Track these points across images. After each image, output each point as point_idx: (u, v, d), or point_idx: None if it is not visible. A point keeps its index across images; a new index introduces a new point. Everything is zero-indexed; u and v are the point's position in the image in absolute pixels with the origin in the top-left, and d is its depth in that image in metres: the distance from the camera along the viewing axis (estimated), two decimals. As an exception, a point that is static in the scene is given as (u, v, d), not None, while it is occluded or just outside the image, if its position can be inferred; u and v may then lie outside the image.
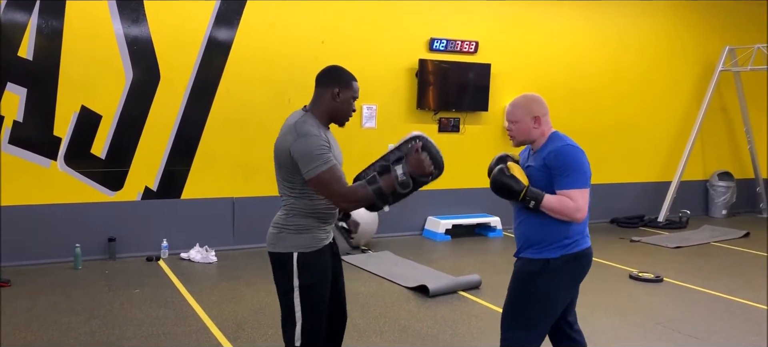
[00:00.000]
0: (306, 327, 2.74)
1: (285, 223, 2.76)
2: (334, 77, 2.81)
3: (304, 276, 2.73)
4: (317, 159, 2.62)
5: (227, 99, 6.74)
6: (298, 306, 2.73)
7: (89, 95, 6.18)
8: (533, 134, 2.95)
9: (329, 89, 2.79)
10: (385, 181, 2.68)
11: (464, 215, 7.98)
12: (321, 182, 2.63)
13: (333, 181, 2.62)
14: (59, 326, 4.50)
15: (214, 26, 6.60)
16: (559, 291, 2.98)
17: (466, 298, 5.37)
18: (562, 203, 2.82)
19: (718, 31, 9.80)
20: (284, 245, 2.75)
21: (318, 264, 2.77)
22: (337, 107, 2.80)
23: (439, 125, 7.91)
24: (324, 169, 2.62)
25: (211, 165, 6.76)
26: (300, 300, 2.73)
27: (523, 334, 2.94)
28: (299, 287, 2.72)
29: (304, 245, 2.73)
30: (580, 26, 8.72)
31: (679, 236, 8.37)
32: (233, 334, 4.40)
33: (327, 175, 2.62)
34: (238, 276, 5.88)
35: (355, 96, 2.84)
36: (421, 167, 2.69)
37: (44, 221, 6.11)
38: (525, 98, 3.01)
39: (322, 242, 2.78)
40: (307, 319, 2.74)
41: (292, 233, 2.74)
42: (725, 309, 5.29)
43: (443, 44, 7.77)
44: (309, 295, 2.74)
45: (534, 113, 2.94)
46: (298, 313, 2.73)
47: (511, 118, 2.98)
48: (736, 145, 10.45)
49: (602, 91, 8.98)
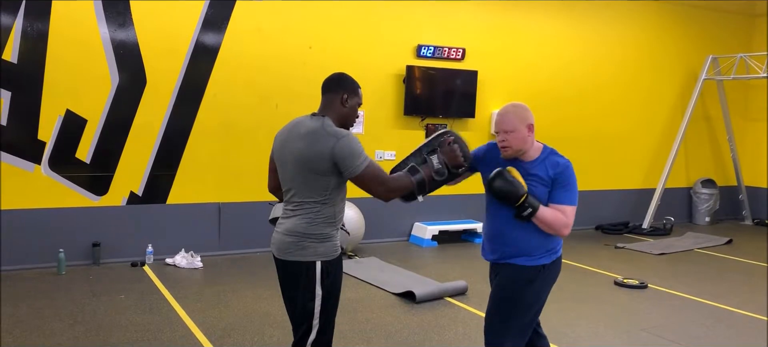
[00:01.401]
0: (323, 332, 2.79)
1: (307, 231, 2.74)
2: (343, 84, 2.88)
3: (327, 284, 2.76)
4: (361, 155, 2.71)
5: (214, 104, 6.72)
6: (317, 314, 2.76)
7: (74, 99, 6.14)
8: (527, 143, 2.86)
9: (338, 95, 2.84)
10: (425, 171, 2.87)
11: (451, 221, 8.00)
12: (369, 175, 2.71)
13: (380, 173, 2.74)
14: (42, 332, 4.45)
15: (201, 31, 6.58)
16: (543, 296, 3.01)
17: (453, 304, 5.38)
18: (555, 217, 2.83)
19: (702, 41, 9.92)
20: (307, 254, 2.74)
21: (338, 272, 2.83)
22: (346, 113, 2.86)
23: (426, 132, 7.93)
24: (370, 162, 2.73)
25: (197, 170, 6.73)
26: (321, 307, 2.75)
27: (514, 341, 2.93)
28: (321, 295, 2.75)
29: (327, 254, 2.76)
30: (567, 35, 8.79)
31: (663, 242, 8.45)
32: (219, 340, 4.37)
33: (374, 168, 2.73)
34: (224, 281, 5.85)
35: (359, 102, 2.92)
36: (456, 157, 2.90)
37: (28, 225, 6.05)
38: (515, 106, 2.89)
39: (338, 250, 2.84)
40: (324, 326, 2.79)
41: (316, 242, 2.74)
42: (709, 315, 5.34)
43: (431, 51, 7.80)
44: (329, 303, 2.78)
45: (528, 120, 2.86)
46: (316, 320, 2.76)
47: (506, 127, 2.83)
48: (719, 153, 10.57)
49: (587, 98, 9.05)
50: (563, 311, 5.20)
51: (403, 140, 7.78)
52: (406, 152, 8.73)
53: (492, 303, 3.01)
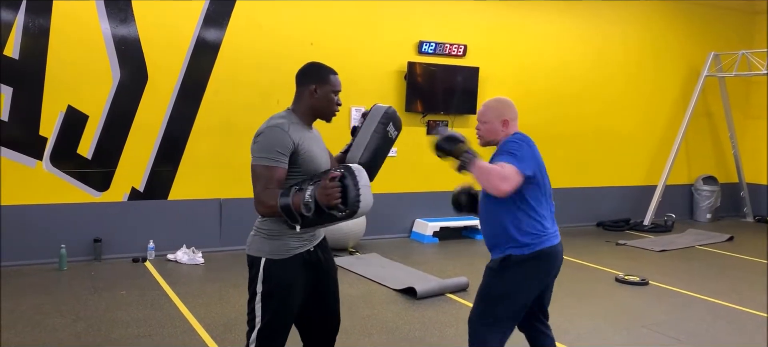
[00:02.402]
0: (262, 332, 2.68)
1: (259, 226, 2.71)
2: (311, 74, 2.77)
3: (267, 283, 2.65)
4: (265, 151, 2.56)
5: (215, 100, 6.72)
6: (258, 311, 2.68)
7: (76, 95, 6.14)
8: (500, 135, 3.04)
9: (307, 87, 2.75)
10: (295, 199, 2.49)
11: (452, 217, 8.00)
12: (253, 172, 2.58)
13: (262, 178, 2.55)
14: (44, 327, 4.46)
15: (202, 27, 6.58)
16: (521, 289, 2.99)
17: (454, 300, 5.38)
18: (490, 169, 2.82)
19: (704, 37, 9.90)
20: (254, 249, 2.70)
21: (283, 273, 2.66)
22: (317, 104, 2.75)
23: (427, 128, 7.93)
24: (264, 163, 2.55)
25: (199, 166, 6.73)
26: (261, 306, 2.67)
27: (486, 331, 3.00)
28: (261, 293, 2.66)
29: (271, 252, 2.66)
30: (568, 31, 8.78)
31: (664, 239, 8.44)
32: (220, 336, 4.38)
33: (261, 170, 2.56)
34: (225, 277, 5.86)
35: (335, 90, 2.76)
36: (326, 196, 2.44)
37: (29, 221, 6.06)
38: (498, 101, 3.12)
39: (292, 250, 2.68)
40: (265, 325, 2.67)
41: (263, 238, 2.68)
42: (710, 311, 5.34)
43: (432, 47, 7.79)
44: (269, 302, 2.67)
45: (504, 116, 3.04)
46: (258, 318, 2.68)
47: (482, 118, 3.08)
48: (720, 150, 10.57)
49: (589, 95, 9.04)
50: (564, 307, 5.21)
51: (404, 136, 7.70)
52: (408, 148, 8.74)
53: (475, 298, 3.14)
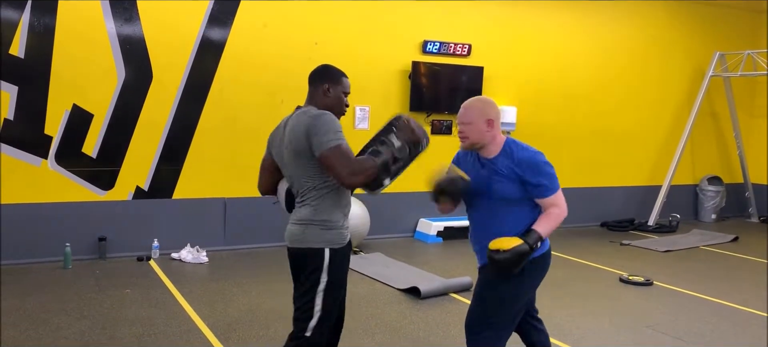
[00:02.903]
0: (321, 322, 2.76)
1: (313, 218, 2.75)
2: (324, 75, 2.89)
3: (333, 272, 2.75)
4: (334, 134, 2.66)
5: (220, 100, 6.73)
6: (319, 302, 2.74)
7: (81, 94, 6.16)
8: (486, 137, 2.92)
9: (320, 87, 2.86)
10: (386, 153, 2.78)
11: (456, 217, 8.00)
12: (335, 154, 2.63)
13: (348, 154, 2.66)
14: (49, 326, 4.47)
15: (207, 27, 6.59)
16: (525, 292, 3.00)
17: (458, 300, 5.38)
18: (552, 216, 2.86)
19: (709, 37, 9.87)
20: (315, 240, 2.75)
21: (344, 261, 2.82)
22: (329, 103, 2.85)
23: (431, 127, 7.93)
24: (339, 143, 2.65)
25: (203, 166, 6.75)
26: (324, 295, 2.74)
27: (492, 339, 2.94)
28: (326, 283, 2.74)
29: (334, 241, 2.76)
30: (573, 31, 8.77)
31: (668, 239, 8.42)
32: (224, 335, 4.39)
33: (342, 149, 2.65)
34: (230, 276, 5.87)
35: (345, 91, 2.91)
36: (412, 132, 2.84)
37: (34, 220, 6.08)
38: (478, 100, 3.01)
39: (346, 238, 2.82)
40: (324, 315, 2.76)
41: (323, 229, 2.75)
42: (714, 312, 5.33)
43: (436, 47, 7.79)
44: (332, 292, 2.76)
45: (488, 115, 2.92)
46: (318, 307, 2.74)
47: (464, 120, 2.95)
48: (725, 150, 10.53)
49: (593, 95, 9.02)
50: (568, 307, 5.20)
51: (408, 136, 7.77)
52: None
53: (472, 302, 3.04)
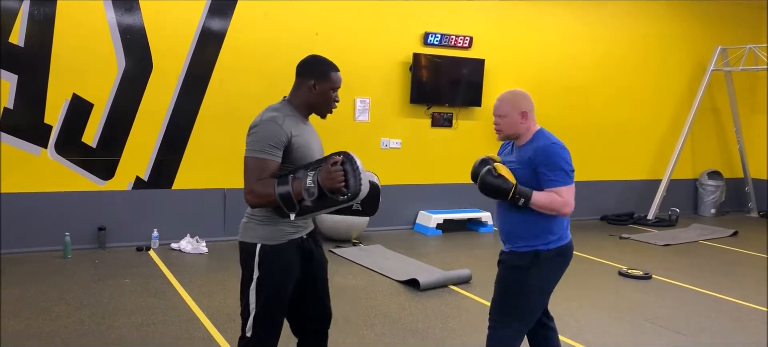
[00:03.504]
0: (258, 319, 2.69)
1: (252, 213, 2.72)
2: (312, 69, 2.75)
3: (262, 268, 2.66)
4: (258, 144, 2.56)
5: (220, 90, 6.72)
6: (253, 298, 2.68)
7: (81, 83, 6.14)
8: (520, 128, 3.00)
9: (306, 81, 2.74)
10: (296, 186, 2.53)
11: (455, 210, 8.00)
12: (245, 165, 2.57)
13: (254, 170, 2.55)
14: (49, 314, 4.48)
15: (207, 16, 6.57)
16: (546, 284, 3.03)
17: (457, 292, 5.39)
18: (550, 199, 2.88)
19: (711, 31, 9.85)
20: (249, 236, 2.71)
21: (279, 258, 2.68)
22: (315, 100, 2.74)
23: (431, 120, 7.92)
24: (255, 155, 2.56)
25: (203, 156, 6.74)
26: (256, 292, 2.68)
27: (510, 327, 2.98)
28: (257, 279, 2.67)
29: (266, 237, 2.67)
30: (574, 24, 8.74)
31: (668, 234, 8.43)
32: (223, 325, 4.40)
33: (252, 162, 2.56)
34: (229, 267, 5.87)
35: (334, 87, 2.75)
36: (331, 180, 2.49)
37: (34, 209, 6.07)
38: (513, 93, 3.06)
39: (287, 235, 2.69)
40: (260, 312, 2.68)
41: (258, 223, 2.69)
42: (713, 306, 5.34)
43: (437, 39, 7.77)
44: (265, 288, 2.68)
45: (521, 108, 2.99)
46: (253, 304, 2.68)
47: (499, 112, 3.03)
48: (725, 144, 10.53)
49: (594, 88, 9.01)
50: (567, 300, 5.21)
51: (409, 128, 7.77)
52: (412, 140, 8.75)
53: (494, 291, 3.09)
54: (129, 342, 4.06)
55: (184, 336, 4.19)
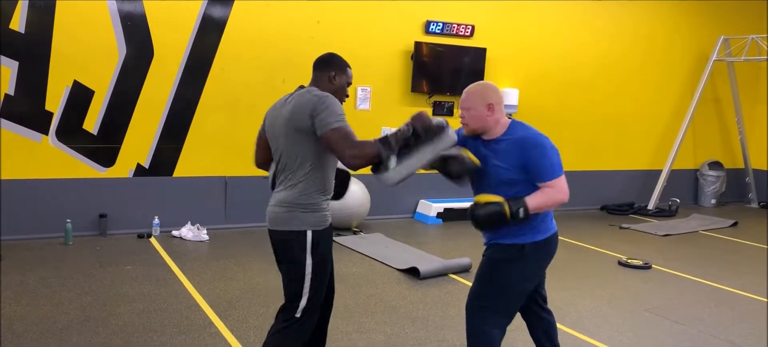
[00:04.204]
0: (310, 302, 2.82)
1: (297, 201, 2.78)
2: (331, 63, 2.93)
3: (317, 253, 2.80)
4: (338, 115, 2.69)
5: (221, 78, 6.71)
6: (308, 283, 2.79)
7: (82, 70, 6.14)
8: (487, 122, 2.89)
9: (326, 73, 2.90)
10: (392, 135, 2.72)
11: (456, 199, 8.01)
12: (340, 133, 2.65)
13: (352, 135, 2.67)
14: (50, 301, 4.50)
15: (208, 4, 6.55)
16: (529, 277, 3.00)
17: (457, 281, 5.41)
18: (548, 196, 2.82)
19: (713, 21, 9.81)
20: (296, 224, 2.78)
21: (327, 242, 2.87)
22: (333, 90, 2.87)
23: (433, 109, 7.91)
24: (342, 125, 2.67)
25: (204, 144, 6.74)
26: (311, 277, 2.79)
27: (491, 322, 2.92)
28: (312, 264, 2.79)
29: (317, 223, 2.80)
30: (576, 13, 8.71)
31: (668, 224, 8.44)
32: (224, 312, 4.41)
33: (347, 130, 2.67)
34: (230, 254, 5.89)
35: (349, 81, 2.96)
36: (420, 118, 2.71)
37: (35, 196, 6.09)
38: (481, 85, 2.96)
39: (328, 219, 2.87)
40: (313, 295, 2.82)
41: (306, 212, 2.78)
42: (713, 296, 5.35)
43: (439, 27, 7.75)
44: (319, 272, 2.82)
45: (488, 100, 2.88)
46: (306, 288, 2.80)
47: (465, 105, 2.92)
48: (727, 135, 10.52)
49: (596, 78, 8.99)
50: (567, 290, 5.22)
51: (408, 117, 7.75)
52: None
53: (474, 284, 3.02)
54: (130, 328, 4.08)
55: (185, 323, 4.21)
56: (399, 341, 4.10)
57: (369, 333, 4.22)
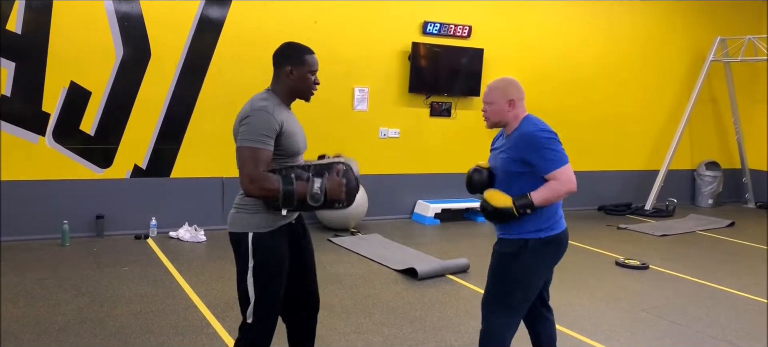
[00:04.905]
0: (258, 305, 2.74)
1: (241, 202, 2.76)
2: (287, 56, 2.79)
3: (257, 255, 2.72)
4: (253, 134, 2.59)
5: (218, 78, 6.70)
6: (251, 286, 2.73)
7: (79, 71, 6.13)
8: (507, 116, 2.99)
9: (283, 69, 2.78)
10: (300, 187, 2.62)
11: (453, 199, 8.01)
12: (241, 155, 2.61)
13: (251, 160, 2.58)
14: (47, 302, 4.49)
15: (206, 4, 6.54)
16: (537, 273, 3.01)
17: (454, 281, 5.41)
18: (551, 189, 2.86)
19: (710, 21, 9.83)
20: (240, 225, 2.75)
21: (272, 243, 2.74)
22: (294, 85, 2.78)
23: (430, 109, 7.91)
24: (251, 145, 2.58)
25: (201, 145, 6.73)
26: (253, 279, 2.73)
27: (503, 316, 2.98)
28: (253, 266, 2.72)
29: (258, 225, 2.72)
30: (574, 14, 8.72)
31: (665, 224, 8.45)
32: (221, 314, 4.41)
33: (248, 152, 2.59)
34: (227, 255, 5.82)
35: (312, 70, 2.79)
36: (337, 191, 2.65)
37: (32, 197, 6.07)
38: (504, 80, 3.03)
39: (278, 221, 2.75)
40: (260, 298, 2.74)
41: (248, 213, 2.73)
42: (710, 296, 5.36)
43: (437, 28, 7.75)
44: (262, 274, 2.73)
45: (510, 96, 2.97)
46: (251, 291, 2.74)
47: (487, 99, 3.01)
48: (724, 135, 10.54)
49: (593, 79, 9.00)
50: (564, 290, 5.22)
51: (407, 117, 7.76)
52: (411, 129, 8.72)
53: (488, 278, 3.10)
54: (127, 329, 4.07)
55: (183, 323, 4.20)
56: (397, 341, 4.10)
57: (367, 333, 4.21)
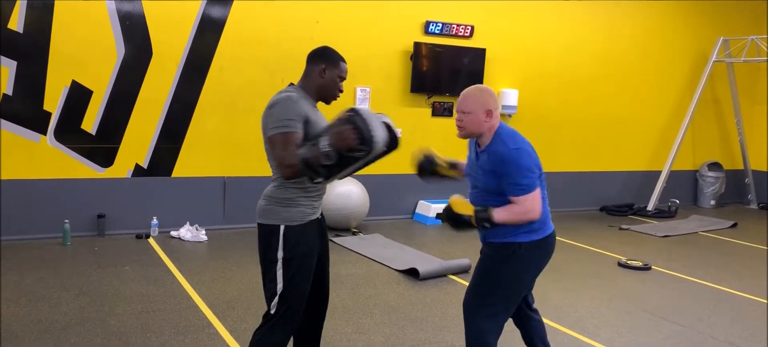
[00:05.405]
0: (284, 296, 2.79)
1: (272, 195, 2.81)
2: (323, 56, 2.88)
3: (288, 249, 2.77)
4: (280, 122, 2.64)
5: (220, 78, 6.70)
6: (280, 277, 2.78)
7: (80, 70, 6.12)
8: (483, 127, 2.88)
9: (317, 66, 2.85)
10: (311, 152, 2.60)
11: (455, 199, 7.99)
12: (272, 142, 2.66)
13: (280, 143, 2.63)
14: (48, 301, 4.48)
15: (207, 4, 6.53)
16: (525, 277, 3.00)
17: (456, 282, 5.40)
18: (512, 212, 2.81)
19: (713, 22, 9.81)
20: (270, 217, 2.79)
21: (303, 239, 2.81)
22: (324, 84, 2.86)
23: (432, 109, 7.90)
24: (280, 131, 2.63)
25: (203, 144, 6.73)
26: (282, 271, 2.78)
27: (488, 320, 2.95)
28: (282, 259, 2.77)
29: (290, 219, 2.78)
30: (577, 14, 8.70)
31: (667, 225, 8.43)
32: (223, 313, 4.40)
33: (279, 137, 2.63)
34: (229, 255, 5.88)
35: (342, 76, 2.89)
36: (342, 139, 2.57)
37: (33, 196, 6.07)
38: (479, 89, 2.93)
39: (307, 216, 2.82)
40: (287, 289, 2.79)
41: (280, 207, 2.78)
42: (712, 297, 5.34)
43: (439, 27, 7.74)
44: (291, 267, 2.78)
45: (487, 106, 2.87)
46: (279, 283, 2.79)
47: (464, 108, 2.88)
48: (726, 136, 10.51)
49: (595, 79, 8.98)
50: (566, 291, 5.21)
51: (409, 117, 7.75)
52: (413, 130, 8.71)
53: (471, 282, 3.06)
54: (128, 329, 4.07)
55: (184, 323, 4.20)
56: (398, 342, 4.09)
57: (368, 333, 4.21)
